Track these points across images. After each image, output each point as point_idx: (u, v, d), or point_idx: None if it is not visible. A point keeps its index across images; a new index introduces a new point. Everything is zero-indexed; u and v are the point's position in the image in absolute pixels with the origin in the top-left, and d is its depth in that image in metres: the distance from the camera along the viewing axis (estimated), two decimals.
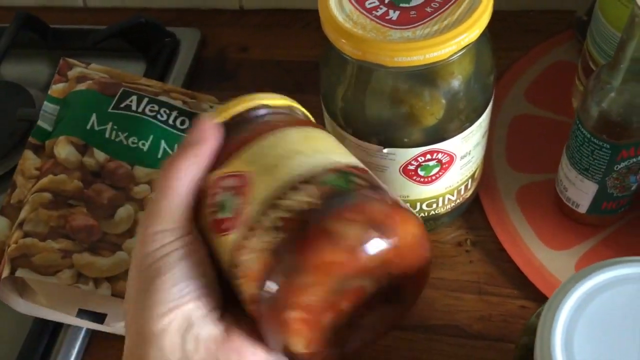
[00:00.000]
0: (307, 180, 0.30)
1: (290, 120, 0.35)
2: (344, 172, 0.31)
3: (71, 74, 0.57)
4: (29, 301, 0.47)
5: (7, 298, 0.46)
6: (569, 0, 0.64)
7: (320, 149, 0.32)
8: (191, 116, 0.57)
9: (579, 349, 0.29)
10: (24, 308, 0.47)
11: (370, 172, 0.33)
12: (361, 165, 0.33)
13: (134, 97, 0.56)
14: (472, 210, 0.53)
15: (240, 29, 0.73)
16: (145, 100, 0.56)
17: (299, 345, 0.29)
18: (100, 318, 0.47)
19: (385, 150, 0.42)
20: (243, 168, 0.31)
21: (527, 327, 0.36)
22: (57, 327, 0.49)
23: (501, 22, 0.43)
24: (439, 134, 0.42)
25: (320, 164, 0.31)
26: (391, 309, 0.33)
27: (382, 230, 0.28)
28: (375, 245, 0.28)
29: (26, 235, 0.45)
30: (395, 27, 0.38)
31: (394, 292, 0.31)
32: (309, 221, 0.28)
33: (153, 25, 0.68)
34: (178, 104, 0.57)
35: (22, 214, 0.46)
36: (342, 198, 0.29)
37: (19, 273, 0.43)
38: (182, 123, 0.56)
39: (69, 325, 0.49)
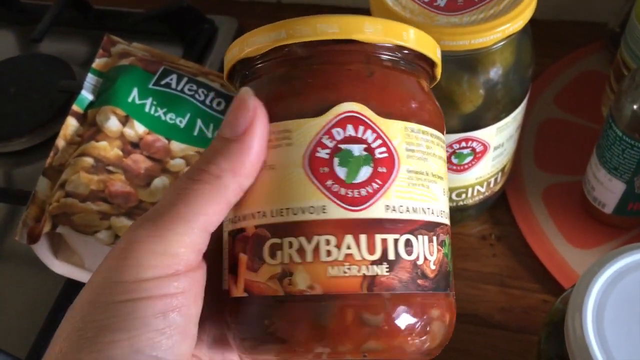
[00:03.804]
0: (434, 226, 0.25)
1: (439, 113, 0.28)
2: (450, 244, 0.27)
3: (114, 50, 0.59)
4: (63, 261, 0.48)
5: (43, 256, 0.47)
6: (602, 12, 0.65)
7: (447, 190, 0.27)
8: (228, 99, 0.58)
9: (609, 327, 0.30)
10: (58, 268, 0.48)
11: None
12: None
13: (174, 76, 0.57)
14: (498, 207, 0.54)
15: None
16: (185, 79, 0.57)
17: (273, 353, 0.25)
18: None
19: None
20: (390, 134, 0.24)
21: (552, 311, 0.37)
22: None
23: (535, 30, 0.44)
24: (476, 122, 0.43)
25: (446, 213, 0.26)
26: None
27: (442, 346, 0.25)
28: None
29: (67, 195, 0.46)
30: (443, 12, 0.39)
31: None
32: (418, 288, 0.24)
33: (193, 11, 0.70)
34: (216, 85, 0.59)
35: (64, 176, 0.48)
36: (447, 283, 0.25)
37: (60, 229, 0.44)
38: (219, 104, 0.57)
39: None
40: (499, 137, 0.45)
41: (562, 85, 0.62)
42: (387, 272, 0.23)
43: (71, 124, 0.52)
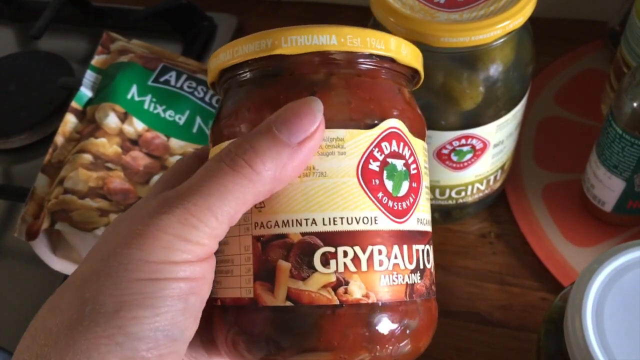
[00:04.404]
0: (431, 237, 0.27)
1: (422, 126, 0.28)
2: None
3: (113, 47, 0.59)
4: (62, 258, 0.48)
5: (42, 253, 0.47)
6: (602, 11, 0.65)
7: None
8: None
9: (609, 324, 0.30)
10: (56, 264, 0.48)
11: None
12: None
13: (173, 73, 0.57)
14: (497, 205, 0.54)
15: (276, 20, 0.75)
16: (184, 76, 0.57)
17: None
18: None
19: None
20: (417, 152, 0.26)
21: (552, 308, 0.37)
22: None
23: (535, 28, 0.44)
24: (475, 119, 0.43)
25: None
26: None
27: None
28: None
29: (66, 192, 0.46)
30: (443, 9, 0.39)
31: None
32: (434, 294, 0.26)
33: (192, 8, 0.70)
34: None
35: (63, 172, 0.48)
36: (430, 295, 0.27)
37: (58, 226, 0.44)
38: (218, 102, 0.57)
39: None
40: (498, 135, 0.45)
41: (562, 83, 0.62)
42: (419, 280, 0.25)
43: (70, 120, 0.52)
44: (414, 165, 0.26)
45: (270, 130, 0.23)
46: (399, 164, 0.25)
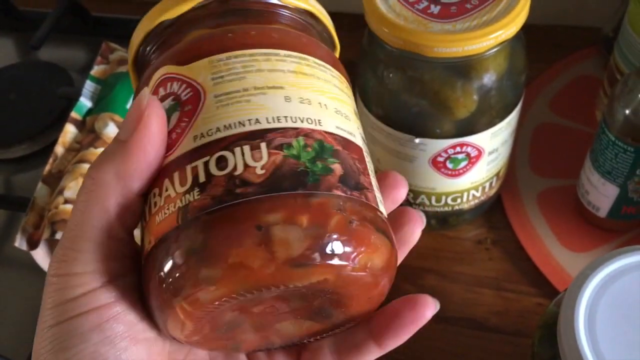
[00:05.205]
0: (262, 133, 0.23)
1: (305, 42, 0.27)
2: (321, 145, 0.24)
3: (112, 57, 0.60)
4: None
5: (43, 262, 0.48)
6: (596, 17, 0.66)
7: (311, 97, 0.25)
8: None
9: (601, 329, 0.31)
10: None
11: (367, 158, 0.26)
12: (360, 142, 0.26)
13: None
14: (493, 211, 0.55)
15: None
16: None
17: (178, 331, 0.24)
18: None
19: (417, 140, 0.44)
20: (193, 75, 0.25)
21: (546, 313, 0.37)
22: None
23: (529, 35, 0.44)
24: (470, 127, 0.43)
25: (293, 116, 0.24)
26: (322, 323, 0.27)
27: (330, 254, 0.22)
28: (311, 272, 0.22)
29: (66, 201, 0.47)
30: (436, 20, 0.40)
31: (325, 312, 0.26)
32: (237, 198, 0.22)
33: None
34: None
35: (63, 182, 0.48)
36: (298, 183, 0.23)
37: (59, 236, 0.45)
38: None
39: None
40: (493, 142, 0.45)
41: (557, 89, 0.62)
42: (198, 195, 0.23)
43: (70, 130, 0.53)
44: (186, 91, 0.24)
45: (116, 136, 0.25)
46: (165, 104, 0.25)
